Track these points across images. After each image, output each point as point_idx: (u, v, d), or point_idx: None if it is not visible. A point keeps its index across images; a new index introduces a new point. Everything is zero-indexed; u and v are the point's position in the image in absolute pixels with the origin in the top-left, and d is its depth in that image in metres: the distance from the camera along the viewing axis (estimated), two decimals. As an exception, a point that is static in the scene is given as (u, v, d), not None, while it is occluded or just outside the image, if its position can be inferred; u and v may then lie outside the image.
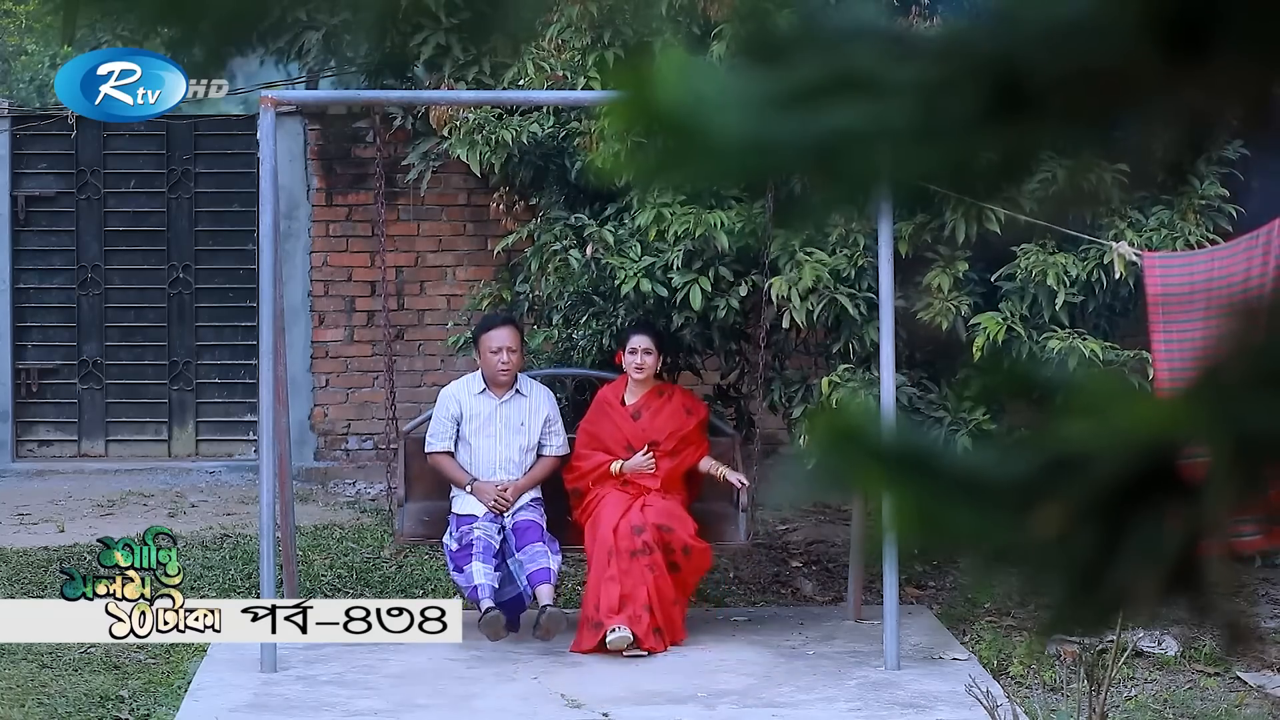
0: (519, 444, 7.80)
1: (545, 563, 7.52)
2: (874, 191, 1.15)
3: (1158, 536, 1.11)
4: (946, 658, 7.43)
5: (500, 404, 7.81)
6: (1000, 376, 1.25)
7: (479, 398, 7.83)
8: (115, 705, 6.84)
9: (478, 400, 7.82)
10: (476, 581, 7.40)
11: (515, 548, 7.60)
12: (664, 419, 7.78)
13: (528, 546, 7.58)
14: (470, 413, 7.80)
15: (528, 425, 7.81)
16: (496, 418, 7.81)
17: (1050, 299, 7.44)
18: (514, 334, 7.87)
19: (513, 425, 7.81)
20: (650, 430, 7.75)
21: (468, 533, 7.58)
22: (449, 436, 7.80)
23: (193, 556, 8.93)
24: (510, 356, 7.76)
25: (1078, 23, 1.09)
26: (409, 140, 9.59)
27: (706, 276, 7.79)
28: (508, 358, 7.75)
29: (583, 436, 7.84)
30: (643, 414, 7.80)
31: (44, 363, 11.40)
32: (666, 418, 7.78)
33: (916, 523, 1.14)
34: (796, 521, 9.88)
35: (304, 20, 7.96)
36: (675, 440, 7.75)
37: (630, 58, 7.44)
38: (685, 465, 7.80)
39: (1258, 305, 1.16)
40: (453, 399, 7.85)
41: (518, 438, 7.80)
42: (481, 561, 7.46)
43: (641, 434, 7.75)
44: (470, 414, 7.80)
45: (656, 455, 7.71)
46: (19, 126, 11.17)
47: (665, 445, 7.73)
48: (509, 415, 7.81)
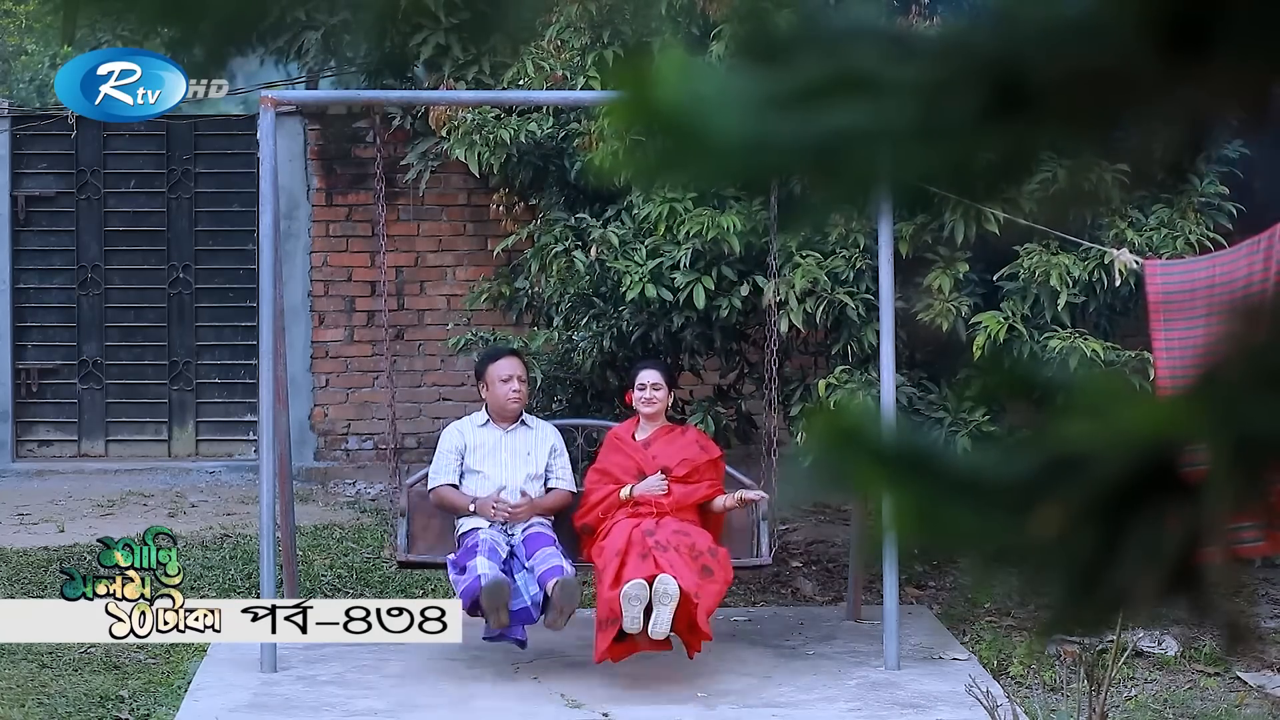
0: (526, 472, 7.53)
1: (557, 562, 7.17)
2: (874, 192, 1.15)
3: (1158, 537, 1.11)
4: (946, 658, 7.43)
5: (506, 434, 7.59)
6: (1000, 376, 1.25)
7: (484, 429, 7.60)
8: (115, 705, 6.84)
9: (482, 432, 7.60)
10: (480, 571, 7.03)
11: (526, 556, 7.27)
12: (676, 448, 7.48)
13: (538, 551, 7.24)
14: (475, 443, 7.56)
15: (534, 455, 7.56)
16: (502, 447, 7.57)
17: (1052, 299, 7.44)
18: (521, 364, 7.72)
19: (519, 454, 7.57)
20: (662, 457, 7.44)
21: (472, 535, 7.34)
22: (453, 470, 7.53)
23: (193, 556, 8.94)
24: (520, 385, 7.59)
25: (1077, 23, 1.09)
26: (409, 140, 9.60)
27: (709, 276, 7.77)
28: (519, 385, 7.58)
29: (593, 475, 7.51)
30: (653, 444, 7.52)
31: (44, 363, 11.40)
32: (679, 448, 7.48)
33: (916, 523, 1.14)
34: (796, 521, 9.88)
35: (304, 20, 7.96)
36: (688, 467, 7.40)
37: (630, 58, 7.44)
38: (698, 495, 7.38)
39: (1258, 307, 1.16)
40: (456, 433, 7.62)
41: (524, 466, 7.54)
42: (486, 557, 7.12)
43: (653, 460, 7.43)
44: (475, 445, 7.56)
45: (669, 479, 7.36)
46: (19, 126, 11.18)
47: (677, 471, 7.38)
48: (515, 445, 7.58)
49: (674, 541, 7.03)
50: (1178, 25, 1.07)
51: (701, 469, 7.42)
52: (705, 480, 7.40)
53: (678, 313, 7.94)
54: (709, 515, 7.41)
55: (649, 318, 8.10)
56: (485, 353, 7.99)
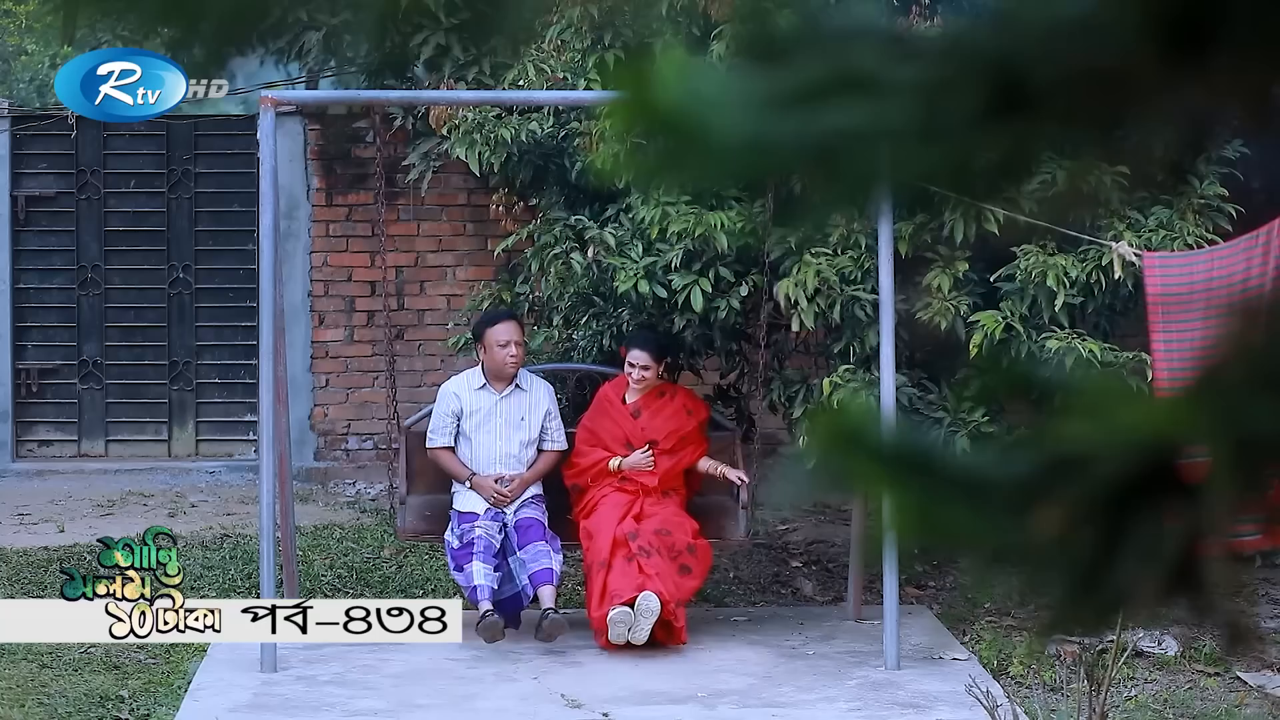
0: (519, 439, 7.81)
1: (547, 563, 7.53)
2: (874, 191, 1.15)
3: (1158, 537, 1.11)
4: (946, 658, 7.43)
5: (500, 399, 7.83)
6: (999, 376, 1.25)
7: (479, 393, 7.85)
8: (115, 705, 6.84)
9: (478, 395, 7.84)
10: (476, 582, 7.42)
11: (517, 545, 7.61)
12: (664, 418, 7.79)
13: (530, 545, 7.59)
14: (470, 408, 7.82)
15: (528, 420, 7.83)
16: (497, 413, 7.82)
17: (1050, 300, 7.44)
18: (518, 328, 7.93)
19: (513, 420, 7.82)
20: (650, 429, 7.77)
21: (469, 530, 7.59)
22: (449, 432, 7.83)
23: (193, 556, 8.93)
24: (517, 350, 7.81)
25: (1078, 23, 1.09)
26: (409, 140, 9.59)
27: (707, 277, 7.78)
28: (515, 350, 7.79)
29: (582, 433, 7.86)
30: (643, 413, 7.82)
31: (44, 363, 11.40)
32: (666, 417, 7.79)
33: (916, 523, 1.14)
34: (796, 521, 9.88)
35: (304, 20, 7.94)
36: (675, 439, 7.77)
37: (630, 58, 7.44)
38: (684, 464, 7.81)
39: (1258, 305, 1.16)
40: (452, 395, 7.87)
41: (518, 433, 7.82)
42: (482, 561, 7.47)
43: (641, 432, 7.77)
44: (470, 409, 7.82)
45: (655, 454, 7.73)
46: (19, 126, 11.17)
47: (664, 444, 7.75)
48: (509, 410, 7.83)
49: (655, 544, 7.46)
50: (1178, 25, 1.07)
51: (689, 435, 7.81)
52: (691, 446, 7.82)
53: (678, 314, 7.95)
54: (693, 473, 7.87)
55: (648, 317, 8.10)
56: (484, 315, 8.20)
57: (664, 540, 7.48)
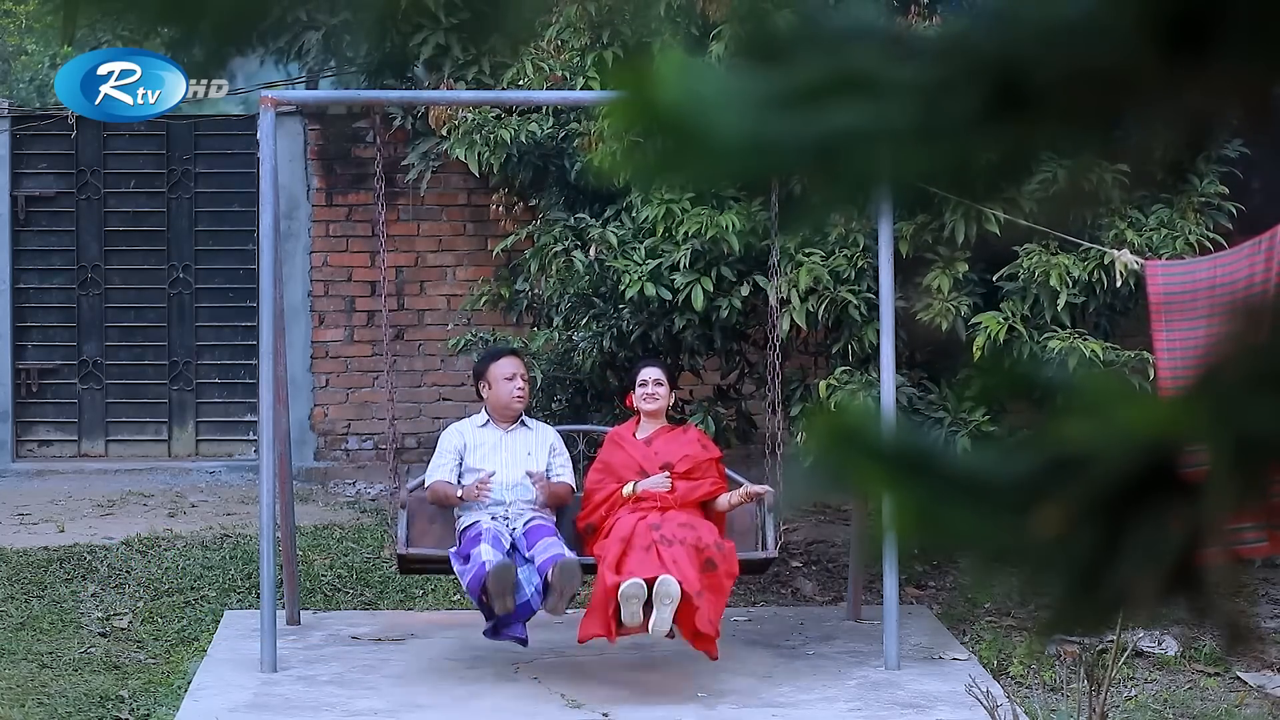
0: (526, 468, 7.48)
1: (559, 550, 7.09)
2: (874, 191, 1.15)
3: (1158, 538, 1.11)
4: (946, 658, 7.43)
5: (506, 434, 7.56)
6: (1000, 377, 1.25)
7: (484, 430, 7.57)
8: (115, 705, 6.84)
9: (482, 432, 7.56)
10: (484, 559, 6.96)
11: (527, 548, 7.20)
12: (678, 445, 7.45)
13: (539, 542, 7.16)
14: (475, 443, 7.52)
15: (535, 455, 7.52)
16: (503, 446, 7.53)
17: (1052, 299, 7.44)
18: (521, 363, 7.71)
19: (519, 454, 7.52)
20: (664, 453, 7.40)
21: (474, 527, 7.26)
22: (450, 470, 7.47)
23: (193, 556, 8.94)
24: (523, 383, 7.57)
25: (1077, 22, 1.09)
26: (409, 140, 9.60)
27: (709, 277, 7.77)
28: (521, 384, 7.55)
29: (594, 475, 7.46)
30: (655, 441, 7.49)
31: (44, 363, 11.40)
32: (680, 444, 7.46)
33: (916, 523, 1.14)
34: (796, 521, 9.88)
35: (304, 20, 7.97)
36: (690, 463, 7.36)
37: (629, 58, 7.44)
38: (701, 492, 7.34)
39: (1259, 307, 1.16)
40: (456, 433, 7.59)
41: (524, 465, 7.49)
42: (490, 545, 7.06)
43: (655, 456, 7.39)
44: (475, 444, 7.52)
45: (671, 475, 7.30)
46: (19, 126, 11.17)
47: (679, 467, 7.34)
48: (515, 444, 7.54)
49: (679, 535, 6.96)
50: (1178, 25, 1.07)
51: (703, 466, 7.39)
52: (708, 478, 7.38)
53: (678, 314, 7.94)
54: (711, 513, 7.37)
55: (649, 318, 8.09)
56: (486, 352, 7.98)
57: (688, 533, 7.00)
